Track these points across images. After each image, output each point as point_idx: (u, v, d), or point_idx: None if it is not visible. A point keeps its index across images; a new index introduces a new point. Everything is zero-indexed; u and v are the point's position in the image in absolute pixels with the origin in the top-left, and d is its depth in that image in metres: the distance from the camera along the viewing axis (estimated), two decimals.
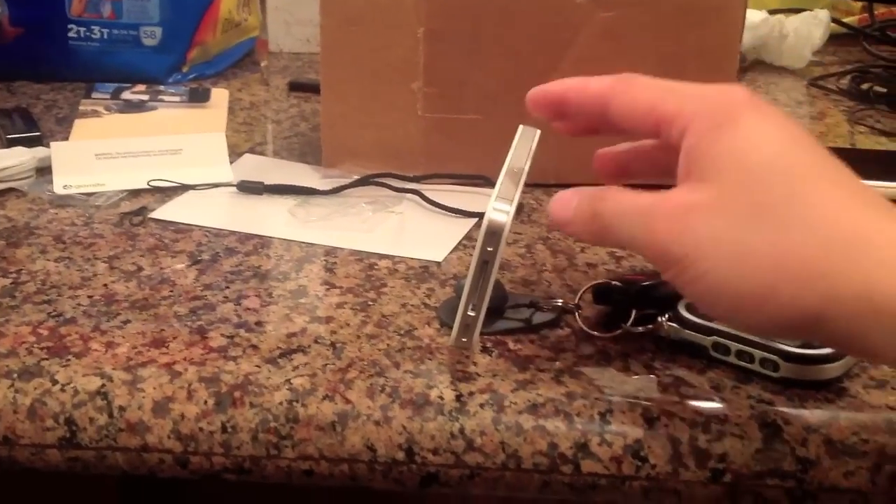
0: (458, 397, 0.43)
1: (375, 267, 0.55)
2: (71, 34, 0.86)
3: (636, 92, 0.42)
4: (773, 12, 0.97)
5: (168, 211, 0.61)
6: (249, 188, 0.64)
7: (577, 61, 0.65)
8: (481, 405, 0.43)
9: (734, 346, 0.45)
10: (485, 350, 0.47)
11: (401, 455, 0.43)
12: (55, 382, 0.44)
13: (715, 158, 0.38)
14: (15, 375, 0.44)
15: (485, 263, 0.43)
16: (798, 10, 0.99)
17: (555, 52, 0.65)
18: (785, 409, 0.43)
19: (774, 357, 0.44)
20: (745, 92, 0.40)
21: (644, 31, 0.65)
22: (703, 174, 0.39)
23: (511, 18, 0.65)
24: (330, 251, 0.57)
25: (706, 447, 0.42)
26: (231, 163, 0.68)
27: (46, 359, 0.45)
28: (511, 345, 0.48)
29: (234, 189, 0.64)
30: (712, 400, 0.44)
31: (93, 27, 0.85)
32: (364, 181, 0.65)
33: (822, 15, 0.98)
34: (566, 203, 0.43)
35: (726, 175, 0.38)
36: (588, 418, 0.43)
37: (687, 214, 0.38)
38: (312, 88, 0.88)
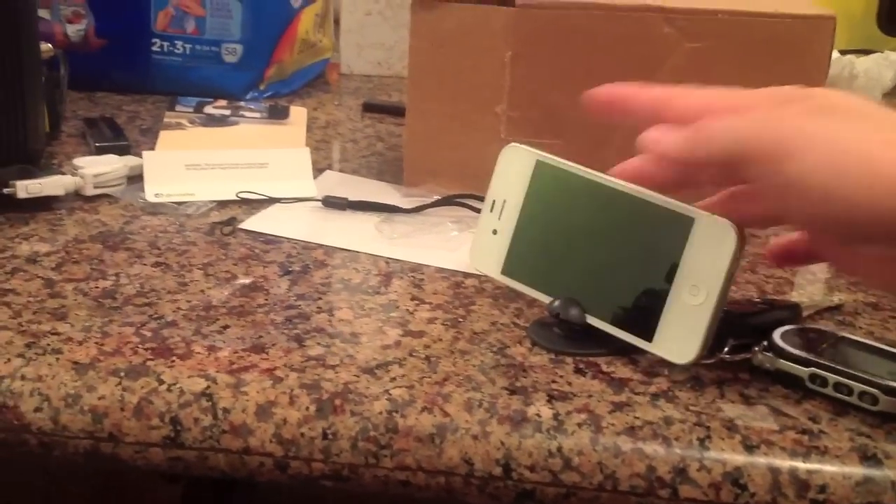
0: (556, 416, 0.44)
1: (462, 285, 0.56)
2: (154, 48, 0.88)
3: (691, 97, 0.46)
4: (843, 52, 0.98)
5: (256, 222, 0.62)
6: (334, 203, 0.65)
7: None
8: (579, 425, 0.43)
9: (832, 377, 0.45)
10: (578, 371, 0.47)
11: (498, 470, 0.43)
12: (161, 382, 0.44)
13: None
14: (122, 374, 0.45)
15: (731, 276, 0.45)
16: (868, 52, 0.99)
17: (639, 80, 0.65)
18: (885, 444, 0.43)
19: (874, 390, 0.44)
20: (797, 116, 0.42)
21: (730, 64, 0.65)
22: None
23: (598, 45, 0.66)
24: (415, 268, 0.58)
25: (806, 478, 0.42)
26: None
27: (152, 359, 0.46)
28: (604, 367, 0.48)
29: (319, 203, 0.65)
30: (811, 431, 0.44)
31: (176, 42, 0.87)
32: (447, 201, 0.66)
33: (894, 57, 0.98)
34: (667, 130, 0.45)
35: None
36: (687, 443, 0.43)
37: (783, 110, 0.41)
38: (386, 110, 0.89)
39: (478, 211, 0.65)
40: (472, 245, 0.54)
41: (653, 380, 0.47)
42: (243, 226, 0.62)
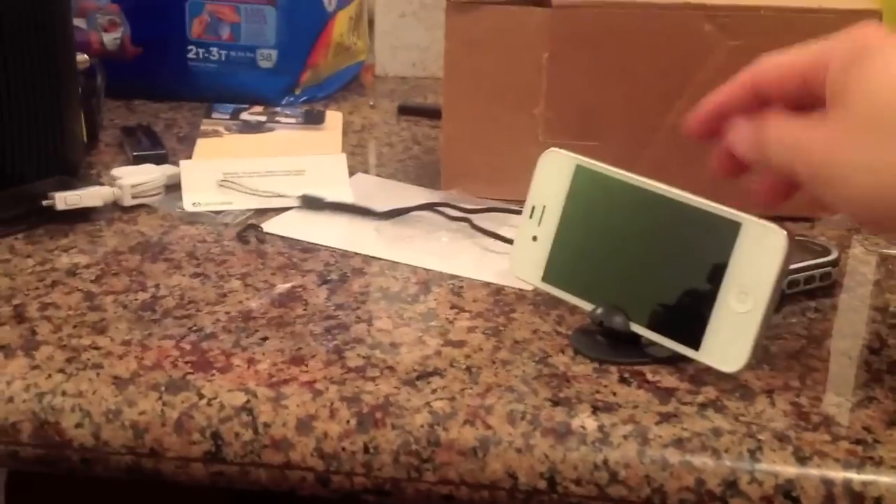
0: (601, 427, 0.43)
1: (503, 292, 0.55)
2: (190, 55, 0.88)
3: (775, 58, 0.47)
4: None
5: (269, 225, 0.62)
6: (312, 203, 0.64)
7: (702, 90, 0.64)
8: (625, 437, 0.43)
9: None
10: (623, 380, 0.47)
11: (542, 484, 0.42)
12: (202, 397, 0.44)
13: (852, 93, 0.42)
14: (162, 388, 0.45)
15: (781, 282, 0.44)
16: None
17: (679, 80, 0.64)
18: None
19: None
20: (877, 29, 0.43)
21: None
22: (844, 108, 0.42)
23: (636, 45, 0.64)
24: (454, 275, 0.57)
25: (861, 490, 0.41)
26: None
27: (191, 373, 0.46)
28: (649, 376, 0.47)
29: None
30: (865, 441, 0.42)
31: (211, 48, 0.87)
32: (425, 207, 0.64)
33: None
34: (739, 131, 0.47)
35: (859, 108, 0.42)
36: (737, 455, 0.42)
37: (829, 146, 0.42)
38: (422, 112, 0.89)
39: (453, 219, 0.64)
40: (513, 252, 0.53)
41: (700, 389, 0.46)
42: (265, 227, 0.62)
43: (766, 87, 0.47)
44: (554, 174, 0.52)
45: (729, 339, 0.45)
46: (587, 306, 0.50)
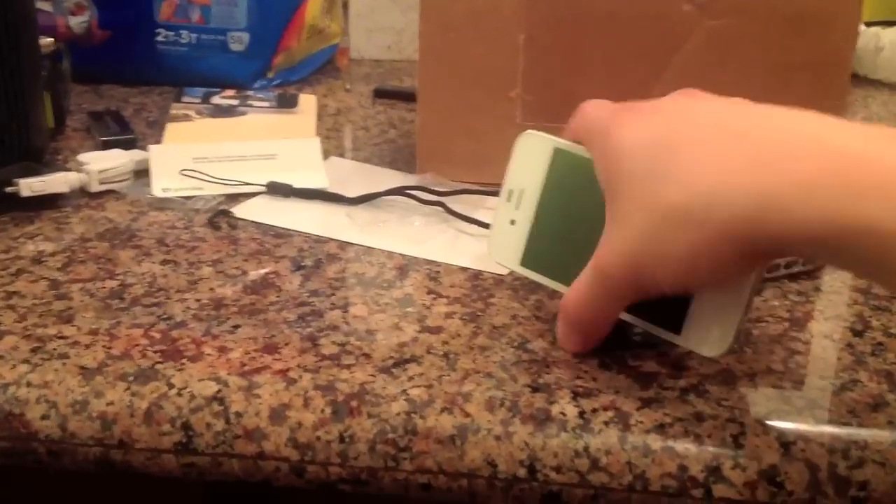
0: (581, 414, 0.42)
1: (480, 277, 0.54)
2: (159, 38, 0.86)
3: (572, 124, 0.48)
4: (868, 24, 0.95)
5: (241, 210, 0.61)
6: (278, 189, 0.63)
7: (682, 71, 0.63)
8: (606, 423, 0.42)
9: None
10: (603, 366, 0.46)
11: (522, 472, 0.41)
12: (171, 386, 0.43)
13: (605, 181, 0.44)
14: (131, 378, 0.43)
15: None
16: (894, 23, 0.96)
17: (659, 60, 0.64)
18: None
19: None
20: (608, 110, 0.45)
21: (752, 42, 0.63)
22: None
23: (614, 25, 0.63)
24: (431, 261, 0.56)
25: (846, 474, 0.40)
26: None
27: (161, 362, 0.44)
28: (630, 361, 0.46)
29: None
30: (850, 425, 0.42)
31: (181, 31, 0.86)
32: (396, 191, 0.63)
33: None
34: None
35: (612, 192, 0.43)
36: (720, 440, 0.41)
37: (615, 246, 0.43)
38: (398, 95, 0.87)
39: (425, 202, 0.63)
40: (490, 236, 0.52)
41: (681, 374, 0.45)
42: (235, 211, 0.61)
43: None
44: (531, 157, 0.50)
45: (711, 323, 0.44)
46: (567, 290, 0.48)
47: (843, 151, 0.36)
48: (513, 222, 0.51)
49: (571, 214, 0.49)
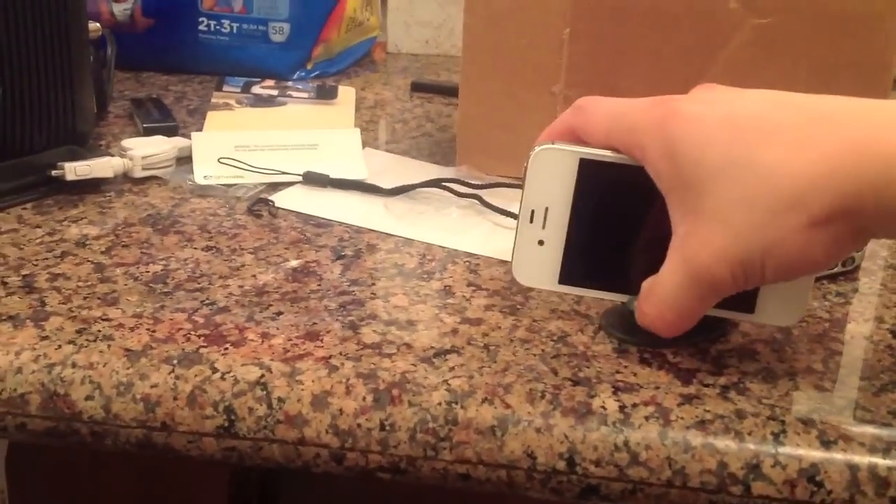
0: (622, 408, 0.42)
1: None
2: (201, 27, 0.87)
3: (591, 124, 0.46)
4: None
5: (280, 199, 0.62)
6: (314, 180, 0.63)
7: (727, 68, 0.63)
8: (646, 418, 0.42)
9: None
10: (643, 361, 0.46)
11: (562, 465, 0.41)
12: (215, 371, 0.43)
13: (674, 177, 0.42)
14: (175, 362, 0.44)
15: None
16: None
17: (703, 58, 0.63)
18: None
19: None
20: (669, 106, 0.42)
21: (797, 40, 0.62)
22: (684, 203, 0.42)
23: (659, 22, 0.63)
24: (470, 253, 0.56)
25: (886, 475, 0.40)
26: None
27: (205, 346, 0.45)
28: (670, 357, 0.46)
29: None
30: (891, 426, 0.41)
31: (223, 21, 0.86)
32: (431, 183, 0.63)
33: None
34: None
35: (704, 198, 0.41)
36: (760, 438, 0.41)
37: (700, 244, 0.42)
38: (435, 89, 0.88)
39: (461, 195, 0.62)
40: (515, 261, 0.49)
41: (722, 371, 0.45)
42: (275, 200, 0.61)
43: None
44: (553, 172, 0.47)
45: (783, 296, 0.44)
46: (619, 298, 0.48)
47: None
48: (541, 243, 0.48)
49: (610, 222, 0.47)
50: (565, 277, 0.48)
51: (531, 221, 0.48)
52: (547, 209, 0.47)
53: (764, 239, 0.39)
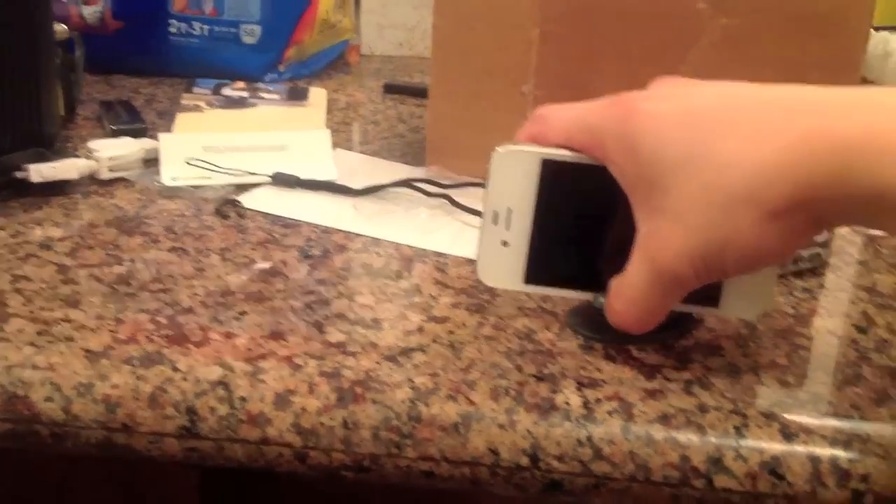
0: (586, 404, 0.42)
1: None
2: (172, 29, 0.86)
3: (553, 129, 0.46)
4: (877, 29, 0.95)
5: (248, 200, 0.61)
6: (284, 181, 0.63)
7: (695, 68, 0.63)
8: (609, 413, 0.42)
9: None
10: (608, 357, 0.46)
11: (525, 460, 0.41)
12: (176, 371, 0.43)
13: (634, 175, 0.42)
14: (136, 362, 0.43)
15: None
16: None
17: (672, 58, 0.63)
18: None
19: None
20: (627, 105, 0.43)
21: (765, 40, 0.63)
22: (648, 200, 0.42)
23: (628, 22, 0.63)
24: (438, 252, 0.56)
25: (848, 467, 0.40)
26: None
27: (167, 347, 0.44)
28: (634, 352, 0.46)
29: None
30: (852, 418, 0.42)
31: (194, 23, 0.86)
32: (402, 183, 0.63)
33: None
34: None
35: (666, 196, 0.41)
36: (722, 432, 0.41)
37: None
38: (408, 91, 0.87)
39: (430, 195, 0.62)
40: (480, 262, 0.48)
41: (686, 366, 0.45)
42: (243, 200, 0.61)
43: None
44: (515, 173, 0.47)
45: (748, 289, 0.45)
46: (584, 297, 0.48)
47: (883, 107, 0.36)
48: (505, 244, 0.47)
49: (574, 221, 0.47)
50: (531, 277, 0.48)
51: (495, 223, 0.47)
52: (510, 210, 0.47)
53: (721, 234, 0.39)
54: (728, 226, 0.39)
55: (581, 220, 0.47)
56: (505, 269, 0.48)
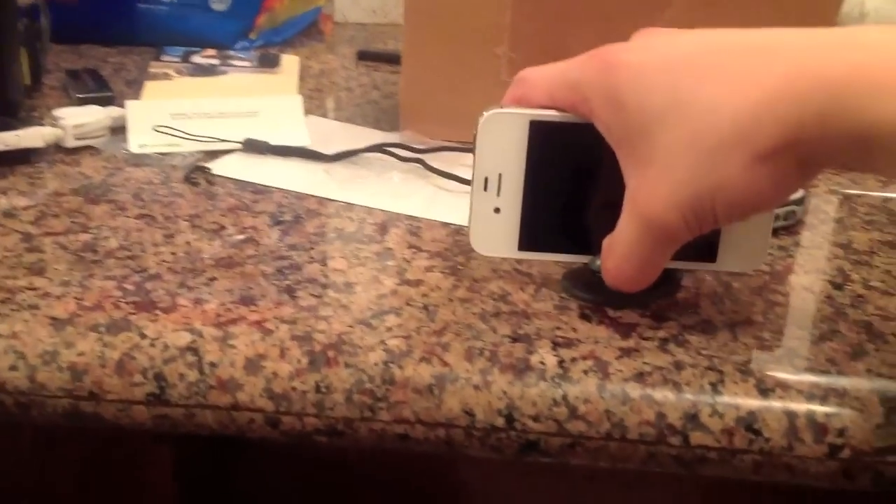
0: (561, 363, 0.42)
1: (462, 232, 0.53)
2: None
3: (538, 91, 0.45)
4: None
5: (219, 166, 0.60)
6: (255, 147, 0.62)
7: (670, 27, 0.62)
8: (585, 372, 0.41)
9: None
10: (584, 316, 0.45)
11: (500, 421, 0.41)
12: (144, 337, 0.42)
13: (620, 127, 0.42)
14: (102, 329, 0.43)
15: None
16: None
17: (647, 19, 0.62)
18: None
19: None
20: (608, 57, 0.42)
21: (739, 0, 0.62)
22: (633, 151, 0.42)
23: None
24: (412, 216, 0.55)
25: (824, 421, 0.40)
26: None
27: (134, 313, 0.44)
28: (610, 311, 0.46)
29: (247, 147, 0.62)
30: (829, 373, 0.41)
31: None
32: (374, 148, 0.62)
33: None
34: None
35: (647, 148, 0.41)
36: (698, 388, 0.41)
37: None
38: (381, 58, 0.86)
39: (403, 160, 0.61)
40: (472, 231, 0.48)
41: (662, 324, 0.45)
42: (211, 167, 0.60)
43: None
44: (503, 137, 0.46)
45: (745, 242, 0.45)
46: (581, 260, 0.47)
47: (868, 45, 0.36)
48: (497, 210, 0.47)
49: (566, 184, 0.47)
50: (525, 244, 0.47)
51: (485, 189, 0.47)
52: (500, 175, 0.46)
53: (710, 180, 0.38)
54: (717, 171, 0.38)
55: (573, 181, 0.47)
56: (498, 237, 0.47)
